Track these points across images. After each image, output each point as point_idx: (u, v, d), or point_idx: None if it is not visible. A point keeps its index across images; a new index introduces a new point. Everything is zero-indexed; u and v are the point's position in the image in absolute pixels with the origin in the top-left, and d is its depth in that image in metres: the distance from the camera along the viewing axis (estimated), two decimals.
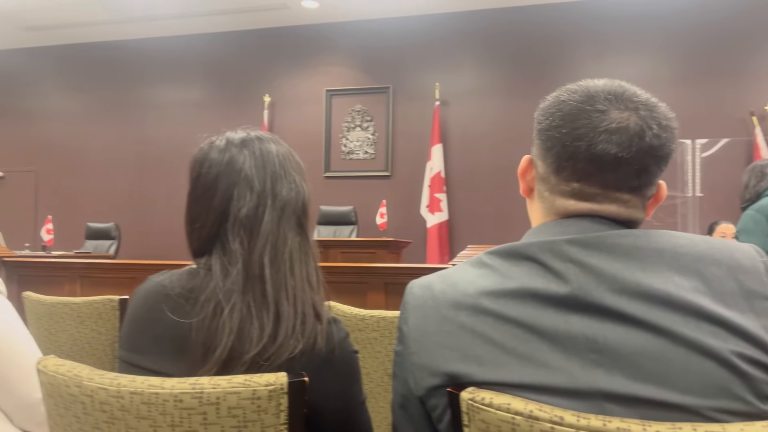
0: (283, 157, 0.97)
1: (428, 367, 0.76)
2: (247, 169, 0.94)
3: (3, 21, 7.04)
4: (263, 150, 0.96)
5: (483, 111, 6.51)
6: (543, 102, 0.85)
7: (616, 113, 0.76)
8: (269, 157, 0.96)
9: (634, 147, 0.75)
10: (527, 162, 0.86)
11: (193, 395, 0.79)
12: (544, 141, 0.81)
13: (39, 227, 7.20)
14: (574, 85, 0.82)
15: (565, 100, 0.80)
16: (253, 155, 0.95)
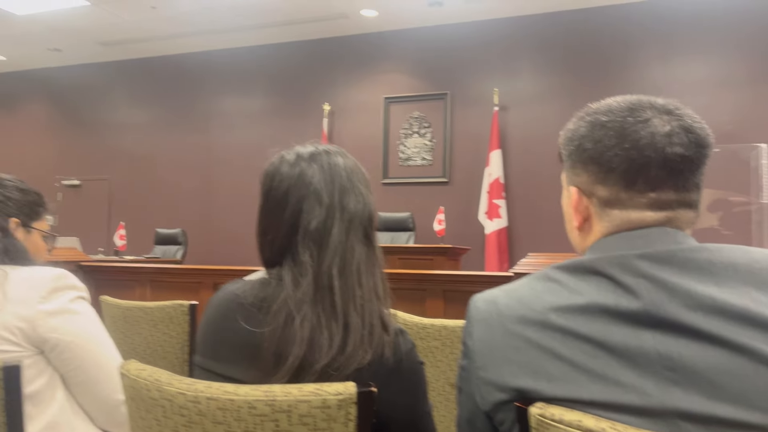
0: (350, 170, 0.99)
1: (495, 382, 0.76)
2: (316, 182, 0.96)
3: (78, 37, 7.45)
4: (331, 163, 0.99)
5: (543, 115, 6.40)
6: (571, 134, 0.86)
7: (658, 119, 0.78)
8: (337, 171, 0.98)
9: (692, 143, 0.77)
10: (577, 193, 0.85)
11: (265, 402, 0.81)
12: (602, 164, 0.80)
13: (112, 233, 7.56)
14: (593, 108, 0.85)
15: (606, 121, 0.81)
16: (322, 169, 0.98)
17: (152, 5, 6.42)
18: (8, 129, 8.98)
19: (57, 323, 1.15)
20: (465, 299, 3.12)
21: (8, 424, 1.03)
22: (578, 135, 0.83)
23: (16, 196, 1.33)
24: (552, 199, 6.20)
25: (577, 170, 0.84)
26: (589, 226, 0.84)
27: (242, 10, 6.52)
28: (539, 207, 6.32)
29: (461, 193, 6.64)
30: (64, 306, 1.17)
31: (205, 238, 7.46)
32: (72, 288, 1.21)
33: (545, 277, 0.78)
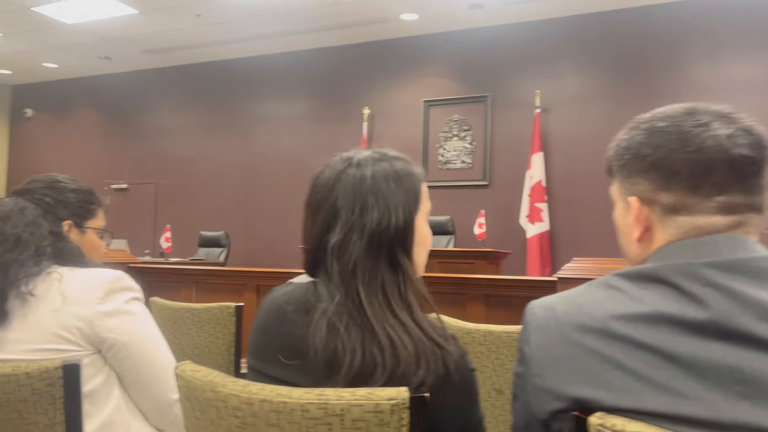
0: (379, 182, 0.95)
1: (552, 391, 0.74)
2: (341, 197, 0.95)
3: (125, 45, 7.67)
4: (357, 176, 0.96)
5: (586, 117, 6.29)
6: (626, 143, 0.84)
7: (717, 122, 0.76)
8: (362, 185, 0.95)
9: (755, 144, 0.75)
10: (637, 203, 0.82)
11: (318, 406, 0.82)
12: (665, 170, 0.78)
13: (158, 235, 7.75)
14: (646, 116, 0.83)
15: (664, 126, 0.79)
16: (345, 184, 0.96)
17: (197, 13, 6.57)
18: (61, 135, 9.31)
19: (114, 323, 1.18)
20: (507, 304, 3.09)
21: (67, 421, 1.07)
22: (635, 143, 0.81)
23: (68, 197, 1.35)
24: (595, 203, 6.12)
25: (635, 179, 0.81)
26: (650, 236, 0.81)
27: (284, 16, 6.61)
28: (582, 210, 6.21)
29: (502, 196, 6.58)
30: (120, 307, 1.20)
31: (247, 240, 7.58)
32: (128, 289, 1.24)
33: (605, 285, 0.76)
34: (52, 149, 9.23)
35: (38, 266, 1.19)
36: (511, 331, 1.75)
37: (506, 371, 1.77)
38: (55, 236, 1.27)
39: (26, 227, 1.22)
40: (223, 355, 2.12)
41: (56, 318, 1.15)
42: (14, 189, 1.35)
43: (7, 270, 1.16)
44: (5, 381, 1.04)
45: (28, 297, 1.16)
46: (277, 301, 0.98)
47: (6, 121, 9.75)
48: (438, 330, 0.91)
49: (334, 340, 0.88)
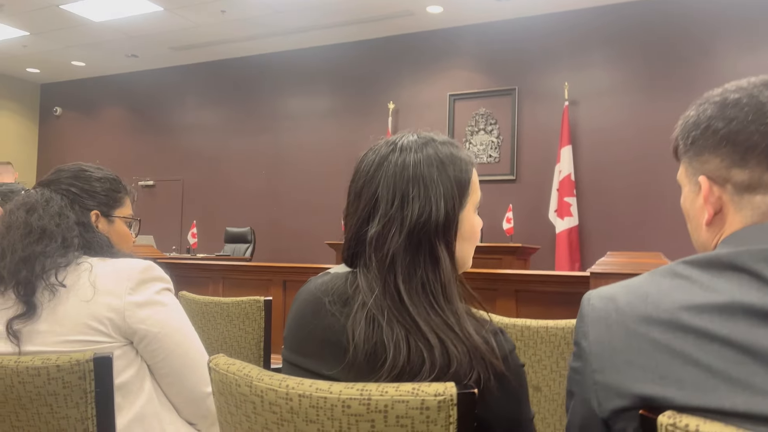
0: (421, 173, 0.89)
1: (615, 387, 0.69)
2: (381, 188, 0.90)
3: (152, 43, 7.73)
4: (399, 165, 0.90)
5: (616, 109, 6.16)
6: (694, 118, 0.77)
7: None
8: (403, 175, 0.89)
9: None
10: (707, 182, 0.75)
11: (360, 401, 0.77)
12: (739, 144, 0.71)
13: (184, 231, 7.81)
14: (717, 90, 0.76)
15: (738, 98, 0.72)
16: (387, 172, 0.90)
17: (221, 9, 6.58)
18: (89, 132, 9.44)
19: (145, 314, 1.16)
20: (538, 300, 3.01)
21: (99, 415, 1.04)
22: (704, 117, 0.75)
23: (94, 186, 1.32)
24: (626, 197, 5.99)
25: (705, 156, 0.75)
26: (721, 219, 0.75)
27: (308, 11, 6.59)
28: (612, 205, 6.09)
29: (529, 190, 6.48)
30: (152, 297, 1.17)
31: (272, 236, 7.59)
32: (159, 279, 1.21)
33: (672, 273, 0.70)
34: (81, 147, 9.36)
35: (66, 257, 1.17)
36: (549, 326, 1.69)
37: (544, 368, 1.71)
38: (83, 227, 1.25)
39: (52, 218, 1.20)
40: (253, 349, 2.10)
41: (87, 309, 1.12)
42: (40, 180, 1.33)
43: (33, 262, 1.14)
44: (35, 374, 1.02)
45: (58, 288, 1.13)
46: (314, 291, 0.94)
47: (35, 119, 9.92)
48: (486, 325, 0.86)
49: (376, 334, 0.84)
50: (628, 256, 3.16)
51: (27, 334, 1.12)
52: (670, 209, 5.61)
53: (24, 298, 1.12)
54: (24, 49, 8.09)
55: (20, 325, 1.12)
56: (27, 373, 1.01)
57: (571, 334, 1.67)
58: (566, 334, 1.67)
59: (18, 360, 1.02)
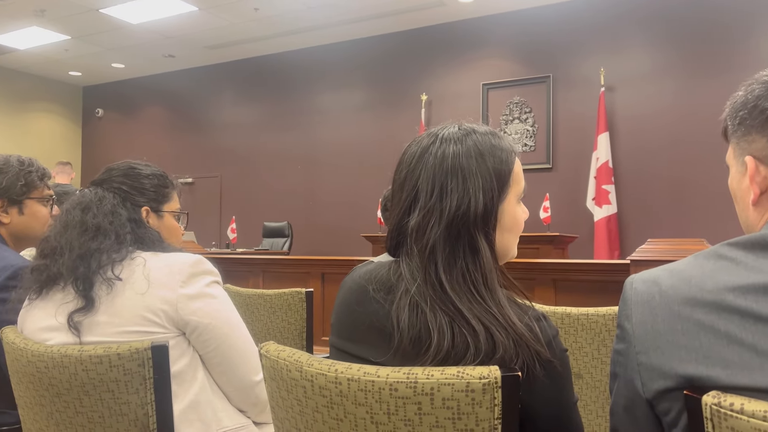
0: (460, 164, 0.91)
1: (659, 368, 0.70)
2: (421, 181, 0.92)
3: (188, 43, 7.88)
4: (437, 156, 0.92)
5: (654, 94, 6.02)
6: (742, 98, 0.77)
7: None
8: (442, 165, 0.91)
9: None
10: (753, 162, 0.75)
11: (407, 384, 0.80)
12: None
13: (223, 227, 7.96)
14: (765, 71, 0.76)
15: None
16: (426, 164, 0.92)
17: (255, 7, 6.67)
18: (129, 132, 9.69)
19: (196, 306, 1.20)
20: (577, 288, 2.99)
21: (157, 401, 1.09)
22: (752, 97, 0.75)
23: (143, 183, 1.37)
24: (665, 183, 5.87)
25: (752, 136, 0.75)
26: (767, 199, 0.75)
27: (340, 6, 6.62)
28: (651, 192, 5.97)
29: (566, 179, 6.40)
30: (202, 290, 1.22)
31: (308, 229, 7.68)
32: (209, 273, 1.26)
33: (715, 255, 0.71)
34: (122, 146, 9.61)
35: (120, 253, 1.22)
36: (590, 313, 1.69)
37: (585, 354, 1.72)
38: (135, 223, 1.30)
39: (105, 216, 1.26)
40: (296, 339, 2.15)
41: (142, 301, 1.18)
42: (93, 180, 1.38)
43: (89, 259, 1.20)
44: (98, 362, 1.07)
45: (114, 282, 1.19)
46: (358, 280, 0.97)
47: (78, 121, 10.23)
48: (529, 311, 0.87)
49: (420, 320, 0.86)
50: (669, 243, 3.12)
51: (87, 326, 1.18)
52: (711, 195, 5.47)
53: (83, 293, 1.18)
54: (66, 53, 8.34)
55: (80, 318, 1.18)
56: (90, 361, 1.07)
57: (613, 322, 1.67)
58: (607, 321, 1.67)
59: (81, 349, 1.08)
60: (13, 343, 1.18)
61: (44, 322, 1.21)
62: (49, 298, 1.22)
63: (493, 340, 0.82)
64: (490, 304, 0.86)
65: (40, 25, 7.25)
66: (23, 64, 8.94)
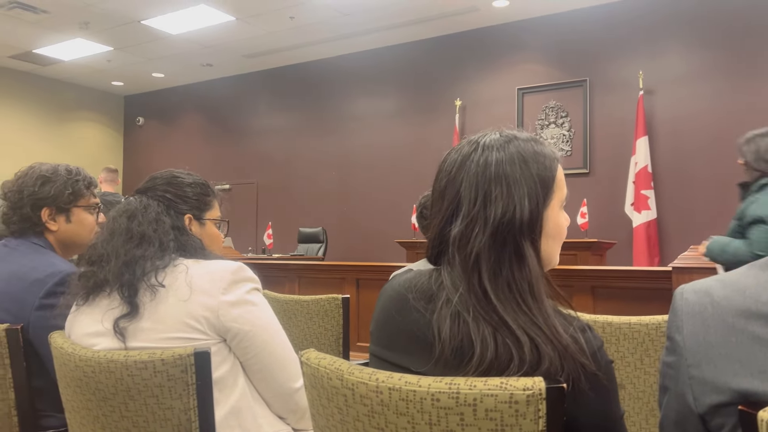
0: (504, 172, 0.89)
1: (712, 382, 0.68)
2: (463, 188, 0.91)
3: (225, 52, 8.02)
4: (480, 164, 0.91)
5: (695, 97, 5.88)
6: None
7: None
8: (486, 173, 0.90)
9: None
10: None
11: (449, 395, 0.79)
12: None
13: (259, 233, 8.06)
14: None
15: None
16: (469, 172, 0.91)
17: (290, 15, 6.75)
18: (168, 140, 9.91)
19: (237, 313, 1.22)
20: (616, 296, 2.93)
21: (200, 406, 1.11)
22: None
23: (186, 192, 1.40)
24: (707, 188, 5.71)
25: None
26: None
27: (374, 13, 6.65)
28: (692, 197, 5.82)
29: (604, 184, 6.29)
30: (243, 297, 1.24)
31: (343, 235, 7.72)
32: (249, 280, 1.27)
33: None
34: (161, 154, 9.83)
35: (163, 260, 1.24)
36: (632, 322, 1.65)
37: (627, 365, 1.68)
38: (178, 230, 1.32)
39: (150, 224, 1.28)
40: (332, 345, 2.15)
41: (185, 308, 1.19)
42: (137, 188, 1.41)
43: (134, 266, 1.22)
44: (143, 367, 1.09)
45: (158, 288, 1.21)
46: (398, 288, 0.97)
47: (120, 130, 10.50)
48: (573, 322, 0.85)
49: (462, 330, 0.85)
50: None
51: (132, 332, 1.20)
52: None
53: (128, 299, 1.21)
54: (109, 63, 8.59)
55: (125, 324, 1.20)
56: (135, 367, 1.09)
57: (656, 331, 1.63)
58: (650, 331, 1.63)
59: (127, 354, 1.10)
60: (61, 347, 1.21)
61: (91, 328, 1.24)
62: (95, 304, 1.25)
63: (539, 351, 0.81)
64: (536, 314, 0.84)
65: (84, 37, 7.48)
66: (68, 75, 9.24)
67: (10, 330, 1.43)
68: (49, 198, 1.61)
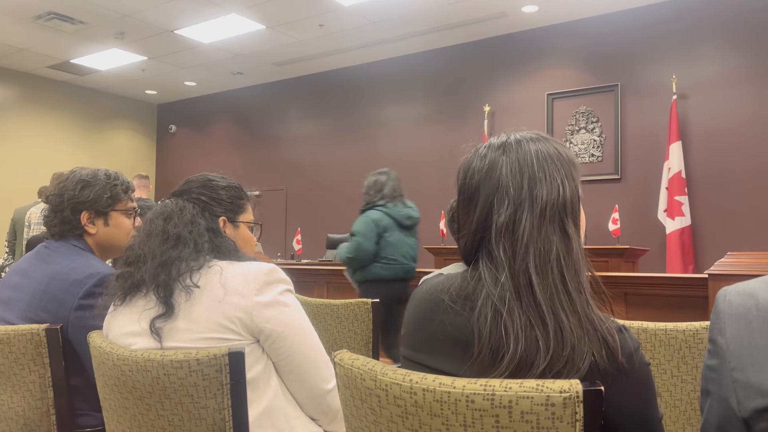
0: (544, 157, 0.93)
1: (757, 386, 0.66)
2: (504, 175, 0.93)
3: (256, 60, 8.13)
4: (520, 152, 0.94)
5: (730, 101, 5.75)
6: None
7: None
8: (526, 160, 0.93)
9: None
10: None
11: (484, 396, 0.78)
12: None
13: (288, 238, 8.13)
14: None
15: None
16: (509, 160, 0.94)
17: (320, 23, 6.82)
18: (200, 147, 10.07)
19: (270, 314, 1.23)
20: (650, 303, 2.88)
21: (234, 406, 1.12)
22: None
23: (221, 195, 1.42)
24: (742, 194, 5.58)
25: None
26: None
27: (403, 19, 6.68)
28: (727, 203, 5.69)
29: (635, 190, 6.19)
30: (275, 298, 1.25)
31: None
32: (282, 281, 1.28)
33: None
34: (193, 160, 9.99)
35: (198, 261, 1.26)
36: (669, 328, 1.62)
37: (663, 372, 1.64)
38: (212, 232, 1.34)
39: (185, 226, 1.30)
40: (362, 349, 2.16)
41: (219, 308, 1.21)
42: (173, 190, 1.44)
43: (170, 266, 1.25)
44: (178, 366, 1.11)
45: (193, 289, 1.23)
46: (431, 290, 0.97)
47: (153, 137, 10.72)
48: (609, 321, 0.85)
49: (499, 327, 0.85)
50: (751, 256, 2.96)
51: (168, 332, 1.22)
52: None
53: (164, 299, 1.23)
54: (143, 73, 8.78)
55: (161, 324, 1.22)
56: (171, 366, 1.11)
57: (693, 338, 1.60)
58: (687, 338, 1.59)
59: (163, 354, 1.12)
60: (100, 347, 1.24)
61: (128, 328, 1.26)
62: (132, 304, 1.28)
63: (565, 338, 0.82)
64: (575, 297, 0.86)
65: (119, 47, 7.66)
66: (104, 84, 9.47)
67: (50, 330, 1.46)
68: (88, 202, 1.65)
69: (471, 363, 0.86)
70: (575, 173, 0.95)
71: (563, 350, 0.81)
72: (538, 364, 0.81)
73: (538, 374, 0.81)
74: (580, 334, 0.82)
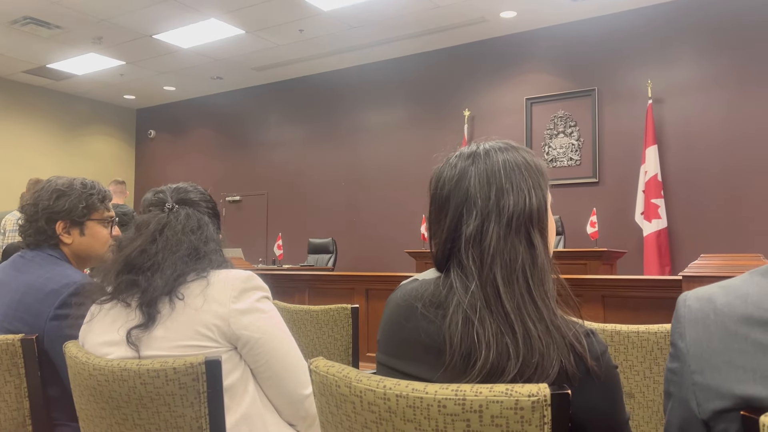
0: (511, 167, 0.95)
1: (715, 388, 0.68)
2: (472, 186, 0.94)
3: (236, 65, 8.11)
4: (488, 163, 0.96)
5: (705, 106, 5.87)
6: None
7: None
8: (494, 170, 0.95)
9: None
10: None
11: (456, 401, 0.80)
12: None
13: (270, 244, 8.10)
14: None
15: None
16: (478, 170, 0.95)
17: (300, 28, 6.82)
18: (180, 152, 10.00)
19: (248, 321, 1.24)
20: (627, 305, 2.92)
21: (211, 414, 1.12)
22: None
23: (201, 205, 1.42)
24: (717, 197, 5.69)
25: None
26: None
27: (382, 25, 6.71)
28: (702, 205, 5.79)
29: (613, 193, 6.28)
30: (253, 305, 1.25)
31: (352, 246, 7.74)
32: (259, 288, 1.29)
33: None
34: (172, 166, 9.92)
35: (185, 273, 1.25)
36: (641, 330, 1.65)
37: (636, 373, 1.68)
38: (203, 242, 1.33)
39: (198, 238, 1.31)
40: (342, 355, 2.16)
41: (197, 316, 1.21)
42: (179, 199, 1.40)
43: (156, 277, 1.24)
44: (155, 375, 1.11)
45: (176, 300, 1.23)
46: (406, 297, 0.98)
47: (132, 142, 10.62)
48: (577, 326, 0.87)
49: (470, 334, 0.87)
50: (723, 258, 3.02)
51: (145, 341, 1.22)
52: (767, 208, 5.27)
53: (145, 309, 1.23)
54: (121, 77, 8.70)
55: (139, 333, 1.22)
56: (148, 375, 1.11)
57: (665, 340, 1.63)
58: (659, 339, 1.63)
59: (139, 363, 1.12)
60: (75, 357, 1.23)
61: (105, 337, 1.26)
62: (110, 313, 1.28)
63: (533, 346, 0.83)
64: (542, 306, 0.87)
65: (97, 51, 7.59)
66: (81, 89, 9.36)
67: (25, 340, 1.45)
68: (63, 212, 1.64)
69: (444, 369, 0.87)
70: (543, 182, 0.97)
71: (532, 357, 0.83)
72: (509, 371, 0.83)
73: (509, 381, 0.83)
74: (548, 341, 0.84)
